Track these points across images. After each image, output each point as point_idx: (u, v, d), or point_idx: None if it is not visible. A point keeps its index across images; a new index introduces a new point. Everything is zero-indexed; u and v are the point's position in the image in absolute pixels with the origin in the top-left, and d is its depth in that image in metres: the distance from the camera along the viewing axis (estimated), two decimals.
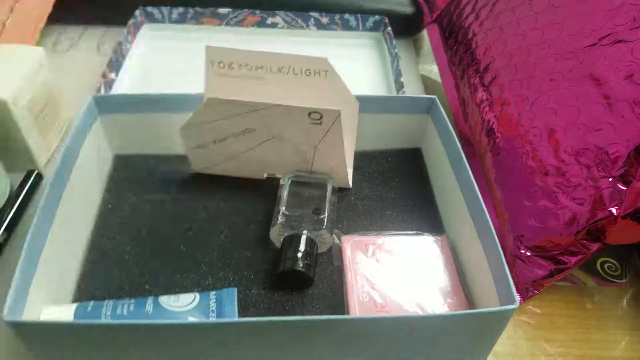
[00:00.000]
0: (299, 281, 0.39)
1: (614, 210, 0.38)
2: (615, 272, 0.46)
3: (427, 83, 0.67)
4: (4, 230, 0.43)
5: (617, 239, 0.39)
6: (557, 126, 0.42)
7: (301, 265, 0.38)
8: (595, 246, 0.40)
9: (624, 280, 0.45)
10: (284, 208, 0.42)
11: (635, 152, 0.38)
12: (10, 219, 0.43)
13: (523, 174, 0.43)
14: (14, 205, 0.44)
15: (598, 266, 0.46)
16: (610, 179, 0.38)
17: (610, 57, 0.41)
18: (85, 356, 0.32)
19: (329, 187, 0.45)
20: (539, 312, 0.42)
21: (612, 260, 0.46)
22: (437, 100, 0.47)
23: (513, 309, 0.31)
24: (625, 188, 0.38)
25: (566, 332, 0.41)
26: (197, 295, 0.36)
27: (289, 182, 0.45)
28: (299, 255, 0.39)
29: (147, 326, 0.30)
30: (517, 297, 0.32)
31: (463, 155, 0.41)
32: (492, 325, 0.32)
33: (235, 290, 0.38)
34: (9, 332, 0.30)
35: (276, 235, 0.42)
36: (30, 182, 0.46)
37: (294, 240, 0.40)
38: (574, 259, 0.40)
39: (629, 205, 0.37)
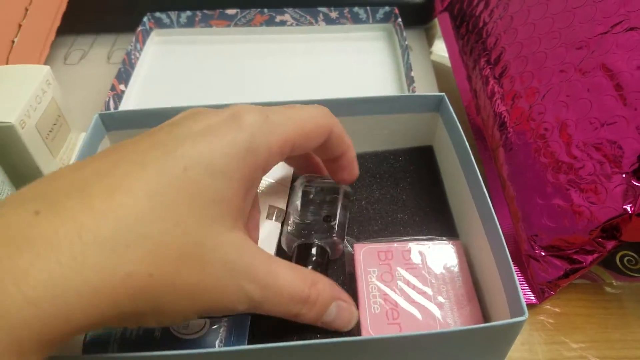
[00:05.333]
0: None
1: (628, 208, 0.37)
2: (635, 265, 0.44)
3: (443, 71, 0.66)
4: None
5: (633, 236, 0.38)
6: (569, 120, 0.41)
7: None
8: (611, 244, 0.39)
9: None
10: (295, 216, 0.42)
11: None
12: None
13: (535, 170, 0.42)
14: None
15: (617, 260, 0.44)
16: (624, 175, 0.37)
17: (622, 45, 0.40)
18: None
19: (342, 191, 0.44)
20: (556, 311, 0.41)
21: (632, 253, 0.45)
22: (446, 98, 0.46)
23: (522, 321, 0.30)
24: (639, 184, 0.36)
25: (585, 333, 0.40)
26: (208, 323, 0.36)
27: (302, 186, 0.45)
28: (310, 265, 0.39)
29: (150, 357, 0.30)
30: (533, 304, 0.31)
31: (472, 158, 0.40)
32: (502, 337, 0.32)
33: (249, 317, 0.38)
34: None
35: (287, 243, 0.42)
36: None
37: (304, 249, 0.40)
38: (589, 258, 0.39)
39: None
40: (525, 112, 0.45)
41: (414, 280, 0.40)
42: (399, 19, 0.66)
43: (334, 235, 0.41)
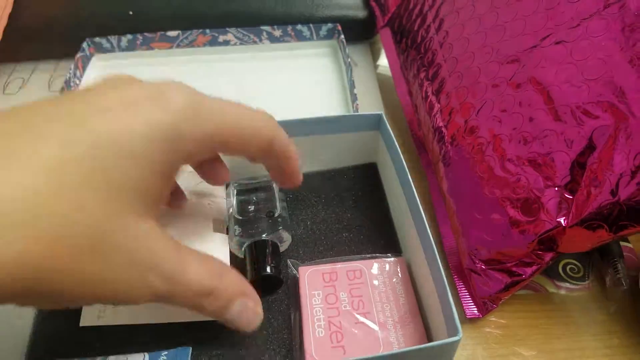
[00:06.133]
0: (269, 285, 0.41)
1: (562, 221, 0.37)
2: (577, 273, 0.45)
3: (390, 85, 0.66)
4: None
5: (569, 247, 0.38)
6: (502, 135, 0.42)
7: (268, 269, 0.40)
8: (549, 256, 0.39)
9: (586, 282, 0.44)
10: (238, 219, 0.43)
11: (579, 160, 0.37)
12: None
13: (472, 185, 0.43)
14: None
15: (560, 269, 0.45)
16: (556, 189, 0.38)
17: (550, 59, 0.41)
18: None
19: (275, 186, 0.46)
20: (501, 323, 0.42)
21: (575, 262, 0.46)
22: (384, 116, 0.46)
23: (456, 341, 0.30)
24: (571, 197, 0.37)
25: (530, 344, 0.41)
26: (147, 356, 0.36)
27: (235, 191, 0.45)
28: (265, 260, 0.40)
29: None
30: (477, 318, 0.32)
31: (409, 176, 0.41)
32: (438, 356, 0.32)
33: (190, 350, 0.37)
34: None
35: (237, 246, 0.42)
36: None
37: (255, 247, 0.41)
38: (529, 270, 0.40)
39: (577, 214, 0.37)
40: (461, 128, 0.45)
41: (357, 300, 0.40)
42: (342, 36, 0.66)
43: (280, 227, 0.42)
